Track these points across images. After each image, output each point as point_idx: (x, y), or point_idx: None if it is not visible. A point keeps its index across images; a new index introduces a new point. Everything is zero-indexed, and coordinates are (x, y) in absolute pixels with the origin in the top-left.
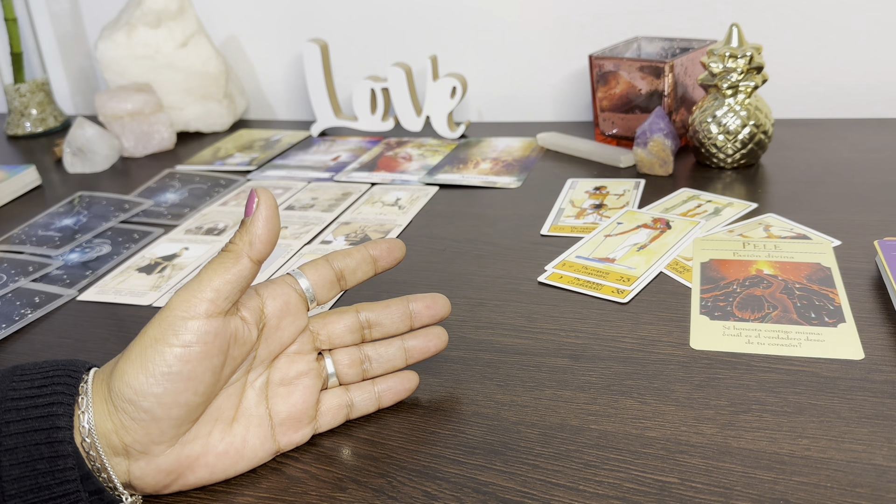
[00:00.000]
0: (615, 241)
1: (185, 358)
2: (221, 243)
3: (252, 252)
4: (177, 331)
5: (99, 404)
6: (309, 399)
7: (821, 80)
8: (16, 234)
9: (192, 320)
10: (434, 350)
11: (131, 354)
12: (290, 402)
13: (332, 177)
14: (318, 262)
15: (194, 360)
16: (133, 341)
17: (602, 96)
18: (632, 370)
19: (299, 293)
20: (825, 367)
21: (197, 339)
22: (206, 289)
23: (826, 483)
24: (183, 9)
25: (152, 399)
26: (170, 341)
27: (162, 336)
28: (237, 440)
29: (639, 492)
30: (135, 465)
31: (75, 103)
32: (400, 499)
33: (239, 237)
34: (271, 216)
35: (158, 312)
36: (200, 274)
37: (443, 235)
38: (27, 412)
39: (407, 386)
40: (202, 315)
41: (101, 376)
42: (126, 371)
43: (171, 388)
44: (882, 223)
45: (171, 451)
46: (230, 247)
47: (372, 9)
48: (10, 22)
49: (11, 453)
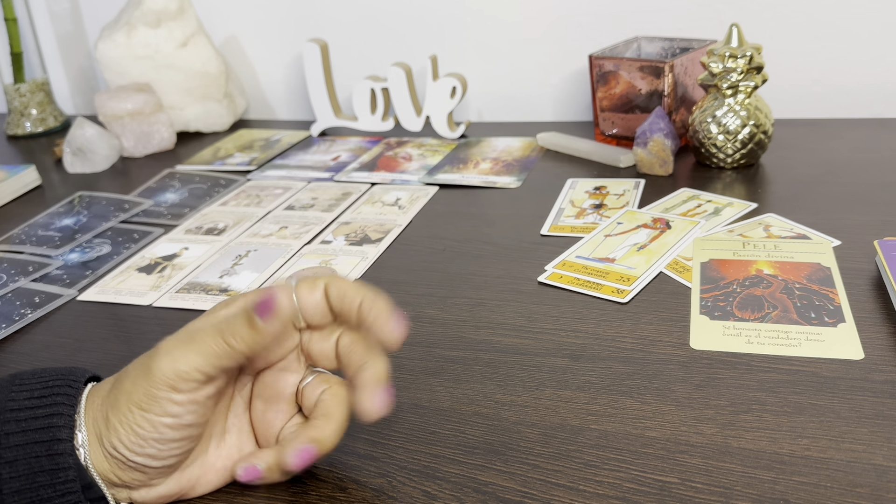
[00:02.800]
0: (615, 241)
1: (174, 425)
2: (221, 243)
3: (252, 356)
4: (160, 401)
5: (93, 442)
6: (281, 421)
7: (820, 80)
8: (16, 234)
9: (176, 394)
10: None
11: (119, 411)
12: (266, 420)
13: (332, 177)
14: (316, 284)
15: (184, 426)
16: (121, 393)
17: (602, 96)
18: (632, 370)
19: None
20: (825, 367)
21: (185, 410)
22: (189, 370)
23: (826, 483)
24: (183, 9)
25: (142, 457)
26: (155, 411)
27: (147, 406)
28: (233, 451)
29: (639, 492)
30: (136, 493)
31: (75, 103)
32: (400, 499)
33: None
34: (280, 329)
35: (139, 373)
36: (187, 346)
37: (443, 235)
38: (27, 423)
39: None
40: (185, 391)
41: (93, 405)
42: (116, 428)
43: (164, 449)
44: (882, 223)
45: (171, 479)
46: (228, 335)
47: (372, 9)
48: (10, 22)
49: (11, 466)
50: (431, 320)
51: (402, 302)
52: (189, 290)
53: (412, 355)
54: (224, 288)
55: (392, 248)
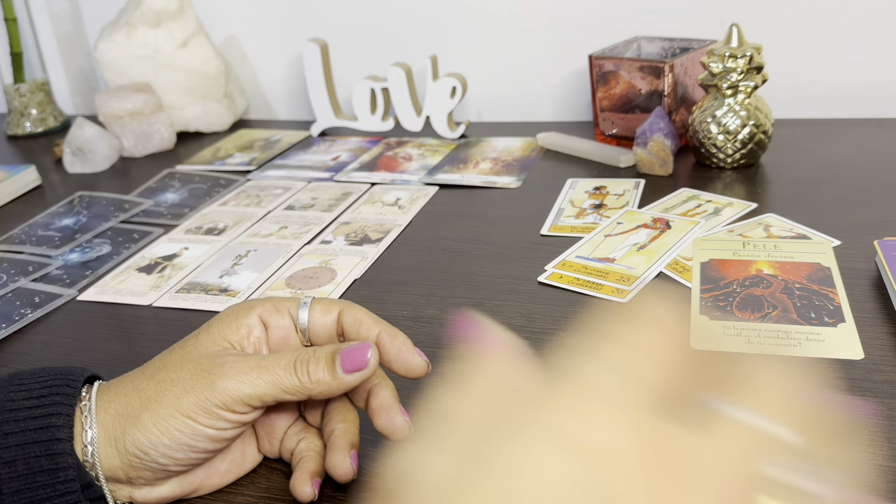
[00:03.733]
0: (615, 240)
1: (214, 438)
2: (221, 243)
3: (316, 396)
4: (212, 417)
5: (104, 440)
6: (284, 425)
7: (820, 80)
8: (16, 234)
9: (230, 413)
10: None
11: (158, 414)
12: (269, 421)
13: (332, 177)
14: (331, 308)
15: (219, 441)
16: (159, 395)
17: (602, 96)
18: None
19: (299, 329)
20: (825, 367)
21: (230, 426)
22: (251, 396)
23: None
24: (183, 9)
25: (170, 459)
26: (202, 422)
27: (195, 415)
28: (237, 455)
29: None
30: (137, 492)
31: (75, 103)
32: None
33: (318, 376)
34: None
35: (193, 383)
36: (257, 373)
37: (443, 235)
38: (25, 423)
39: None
40: (240, 412)
41: (108, 409)
42: (149, 428)
43: (192, 455)
44: (882, 223)
45: (175, 481)
46: (302, 373)
47: (372, 9)
48: (10, 22)
49: (10, 466)
50: (431, 320)
51: (402, 302)
52: (189, 290)
53: None
54: (224, 288)
55: (392, 248)
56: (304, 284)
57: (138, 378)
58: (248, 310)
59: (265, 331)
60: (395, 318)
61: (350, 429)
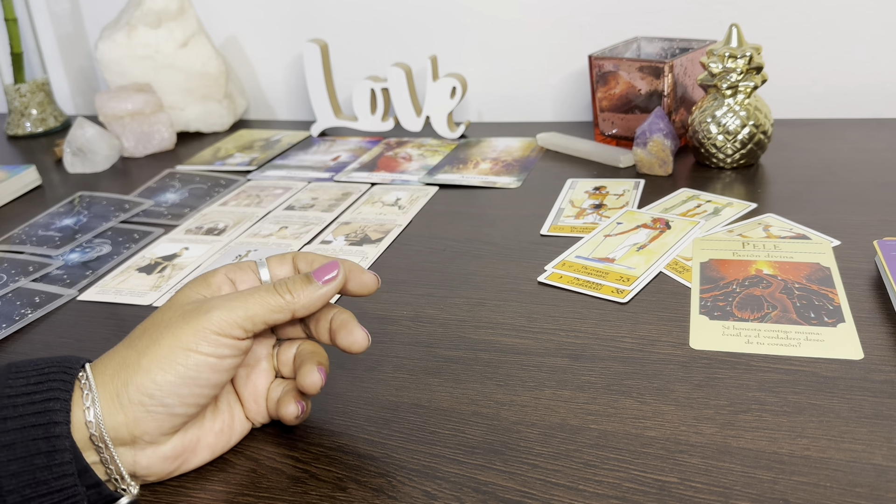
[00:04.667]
0: (615, 241)
1: (215, 367)
2: (221, 243)
3: (299, 313)
4: (211, 343)
5: (106, 399)
6: (265, 382)
7: (820, 80)
8: (16, 234)
9: (227, 338)
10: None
11: (158, 354)
12: (251, 382)
13: (332, 177)
14: (284, 258)
15: (220, 371)
16: (154, 341)
17: (602, 96)
18: (631, 370)
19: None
20: (825, 367)
21: (229, 353)
22: (244, 318)
23: (825, 483)
24: (183, 9)
25: (175, 398)
26: (203, 350)
27: (195, 345)
28: (227, 417)
29: (638, 491)
30: (141, 454)
31: (75, 103)
32: (400, 499)
33: (298, 291)
34: (332, 293)
35: (187, 320)
36: (245, 298)
37: (443, 235)
38: (24, 408)
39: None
40: (236, 336)
41: (106, 372)
42: (151, 369)
43: (196, 390)
44: (882, 223)
45: (174, 439)
46: (284, 292)
47: (372, 9)
48: (11, 22)
49: (9, 449)
50: (431, 320)
51: (402, 302)
52: None
53: (412, 355)
54: None
55: (392, 248)
56: None
57: (129, 340)
58: (212, 272)
59: (234, 287)
60: (395, 318)
61: (316, 352)
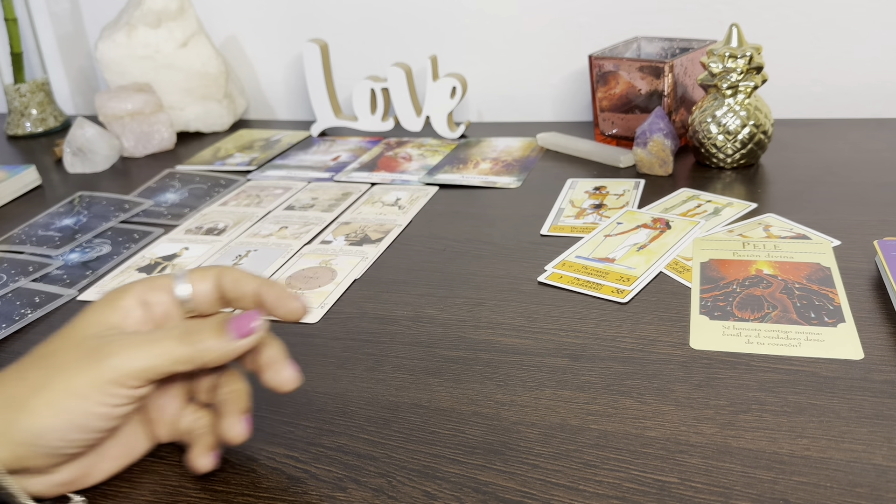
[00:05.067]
0: (615, 241)
1: (108, 416)
2: (221, 243)
3: (209, 365)
4: (105, 394)
5: None
6: (175, 406)
7: (820, 80)
8: (16, 234)
9: (124, 388)
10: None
11: (49, 399)
12: (158, 406)
13: (332, 177)
14: (207, 273)
15: (113, 419)
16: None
17: (602, 96)
18: (631, 370)
19: (179, 303)
20: (825, 367)
21: (125, 402)
22: (144, 369)
23: (826, 483)
24: (183, 9)
25: (63, 441)
26: (95, 400)
27: (88, 395)
28: (129, 439)
29: (638, 491)
30: (30, 481)
31: (75, 103)
32: (400, 499)
33: (209, 342)
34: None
35: (82, 366)
36: (149, 345)
37: (443, 235)
38: None
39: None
40: (133, 386)
41: None
42: (41, 413)
43: (86, 435)
44: (882, 223)
45: (66, 469)
46: (194, 341)
47: (372, 9)
48: (10, 22)
49: None
50: (431, 320)
51: (402, 302)
52: None
53: (412, 355)
54: None
55: (392, 248)
56: (304, 284)
57: (20, 368)
58: (122, 292)
59: (146, 310)
60: (395, 318)
61: (241, 394)
